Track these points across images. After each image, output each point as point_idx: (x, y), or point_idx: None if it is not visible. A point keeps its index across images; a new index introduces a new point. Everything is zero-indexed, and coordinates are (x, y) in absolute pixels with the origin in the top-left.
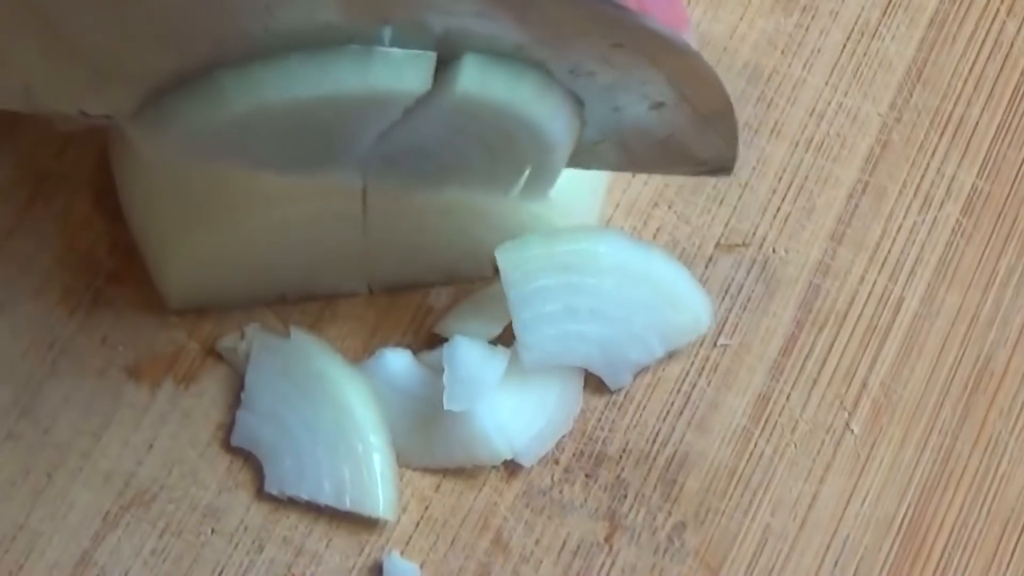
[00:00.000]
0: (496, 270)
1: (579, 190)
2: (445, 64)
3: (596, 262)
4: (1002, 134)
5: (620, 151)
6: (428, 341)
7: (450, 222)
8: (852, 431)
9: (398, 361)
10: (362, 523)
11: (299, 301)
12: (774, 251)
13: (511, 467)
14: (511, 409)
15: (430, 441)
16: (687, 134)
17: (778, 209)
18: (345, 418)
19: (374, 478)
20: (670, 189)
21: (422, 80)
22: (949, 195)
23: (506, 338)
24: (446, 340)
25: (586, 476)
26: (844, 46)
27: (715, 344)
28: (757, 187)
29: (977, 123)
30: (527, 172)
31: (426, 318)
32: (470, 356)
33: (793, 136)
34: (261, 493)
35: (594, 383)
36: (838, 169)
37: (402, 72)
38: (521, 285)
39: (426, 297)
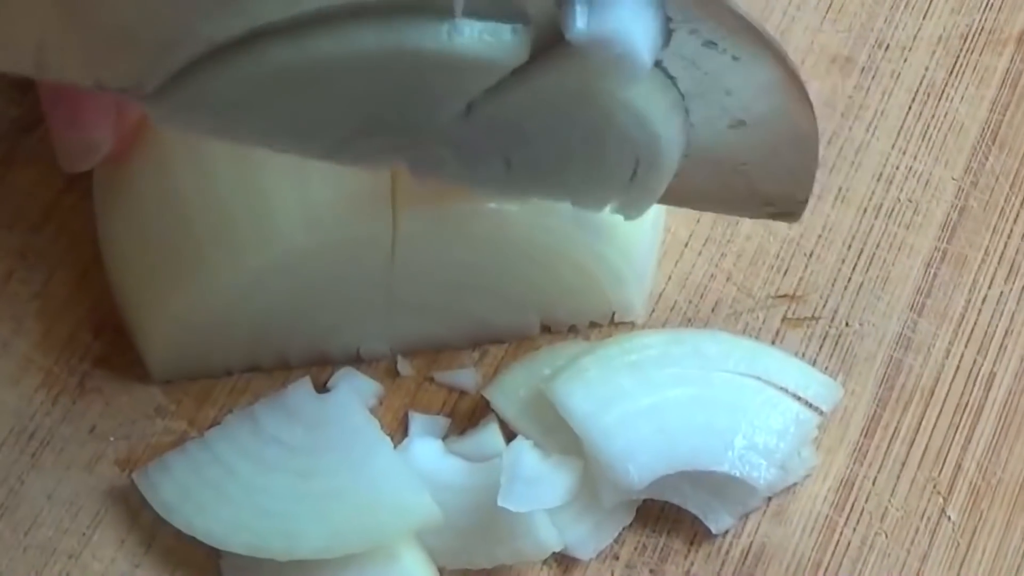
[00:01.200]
0: (544, 327)
1: (636, 238)
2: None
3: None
4: None
5: (686, 180)
6: (460, 427)
7: (494, 257)
8: (949, 517)
9: (427, 450)
10: None
11: (305, 366)
12: (847, 324)
13: (564, 563)
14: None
15: (466, 537)
16: (761, 164)
17: (849, 279)
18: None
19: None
20: (727, 259)
21: (518, 50)
22: None
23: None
24: (481, 425)
25: (651, 572)
26: (909, 108)
27: None
28: (824, 257)
29: None
30: (633, 174)
31: (458, 402)
32: (533, 466)
33: (861, 202)
34: None
35: None
36: (912, 237)
37: (497, 37)
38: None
39: (457, 375)
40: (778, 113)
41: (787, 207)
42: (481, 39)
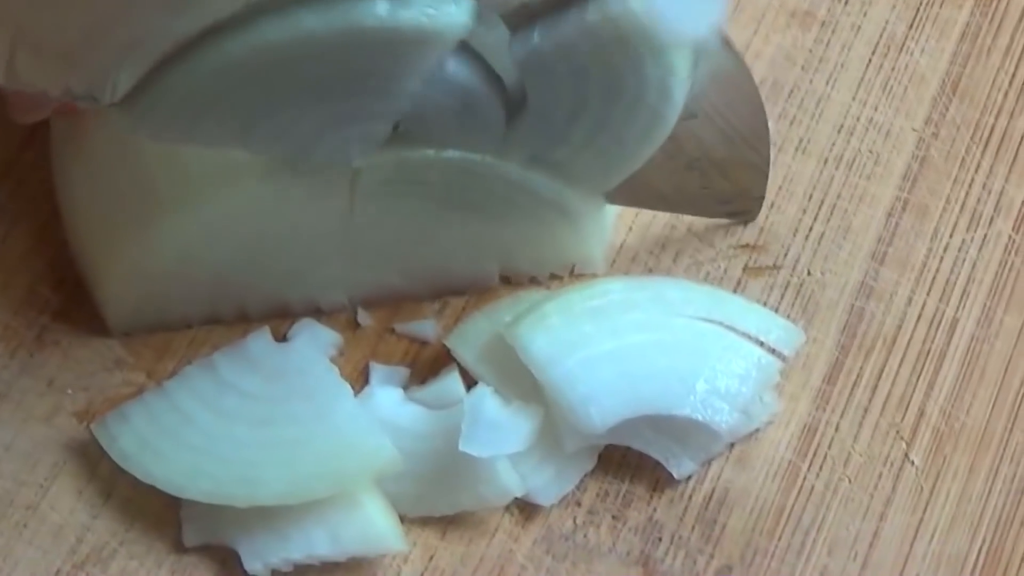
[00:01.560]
0: (504, 279)
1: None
2: None
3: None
4: None
5: (642, 176)
6: (421, 377)
7: (453, 204)
8: (912, 462)
9: (388, 398)
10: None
11: (265, 319)
12: (809, 273)
13: (526, 510)
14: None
15: (428, 483)
16: (714, 158)
17: (810, 229)
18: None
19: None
20: None
21: (462, 21)
22: (998, 211)
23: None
24: (443, 374)
25: (613, 518)
26: (870, 60)
27: None
28: (785, 207)
29: (1023, 137)
30: (640, 129)
31: (419, 353)
32: (495, 411)
33: (821, 153)
34: None
35: None
36: (873, 187)
37: (439, 10)
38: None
39: (418, 326)
40: (727, 105)
41: (743, 205)
42: (423, 13)
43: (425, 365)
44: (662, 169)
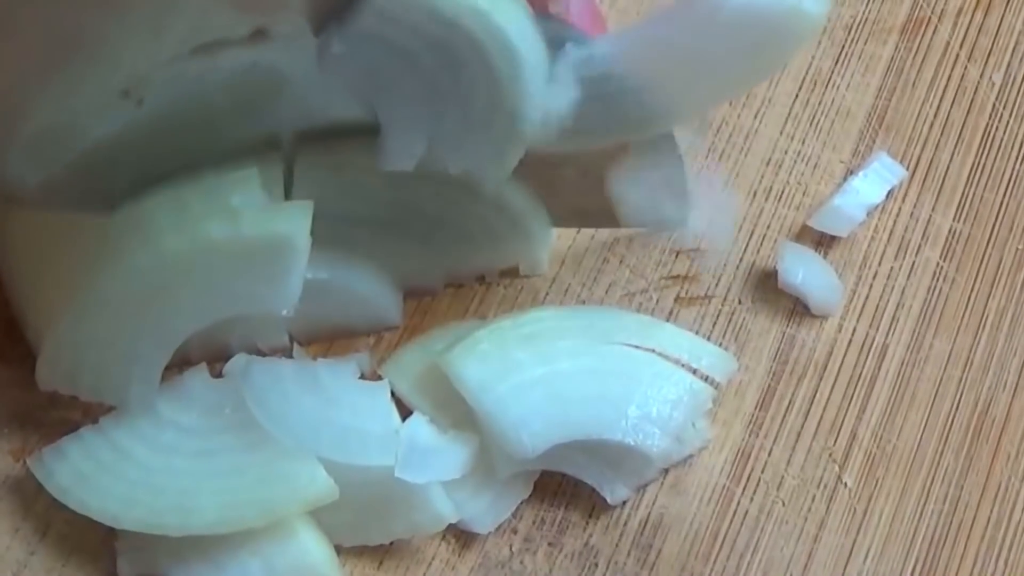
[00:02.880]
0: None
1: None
2: None
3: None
4: (976, 176)
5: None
6: None
7: (394, 207)
8: (845, 484)
9: None
10: None
11: (206, 360)
12: (740, 302)
13: (462, 538)
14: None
15: (363, 512)
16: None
17: (740, 259)
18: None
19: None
20: (620, 243)
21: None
22: (926, 239)
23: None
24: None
25: (549, 544)
26: (796, 95)
27: None
28: (715, 238)
29: (948, 167)
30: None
31: None
32: (430, 439)
33: (751, 186)
34: None
35: None
36: (802, 217)
37: None
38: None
39: (353, 356)
40: None
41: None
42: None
43: None
44: (581, 187)
